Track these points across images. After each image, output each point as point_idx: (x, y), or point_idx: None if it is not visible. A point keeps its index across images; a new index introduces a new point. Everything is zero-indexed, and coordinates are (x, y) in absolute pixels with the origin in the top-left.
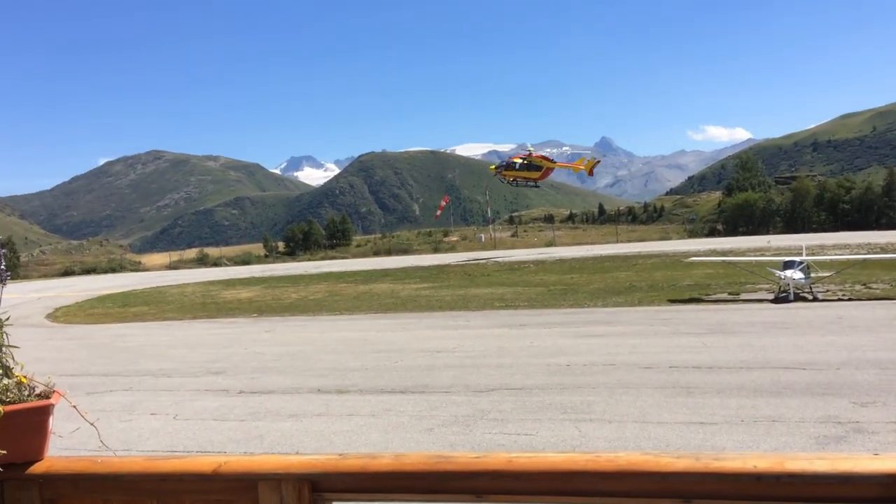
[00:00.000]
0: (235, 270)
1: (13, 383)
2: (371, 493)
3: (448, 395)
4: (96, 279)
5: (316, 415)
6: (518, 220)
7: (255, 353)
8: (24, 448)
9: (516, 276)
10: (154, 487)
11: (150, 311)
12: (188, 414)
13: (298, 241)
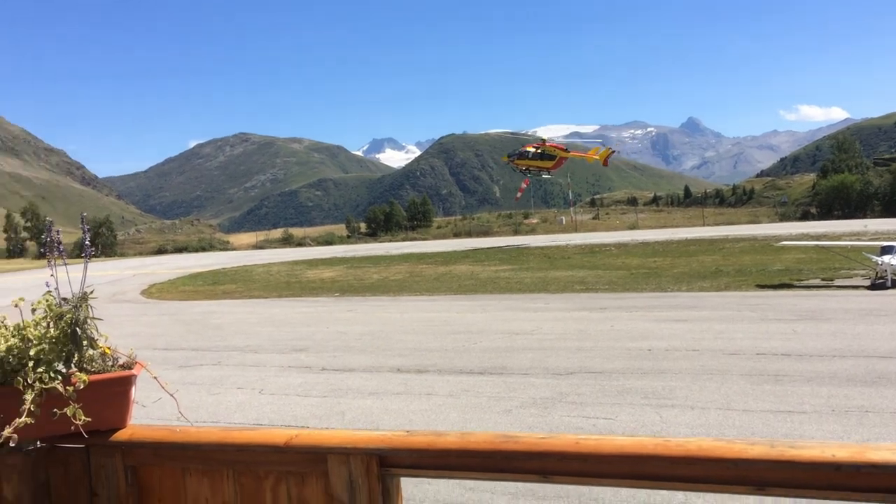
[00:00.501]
0: (319, 251)
1: (97, 354)
2: (437, 469)
3: (527, 377)
4: (187, 257)
5: (395, 393)
6: (600, 202)
7: (338, 331)
8: (108, 416)
9: (597, 259)
10: (229, 457)
11: (237, 289)
12: (273, 389)
13: (380, 222)
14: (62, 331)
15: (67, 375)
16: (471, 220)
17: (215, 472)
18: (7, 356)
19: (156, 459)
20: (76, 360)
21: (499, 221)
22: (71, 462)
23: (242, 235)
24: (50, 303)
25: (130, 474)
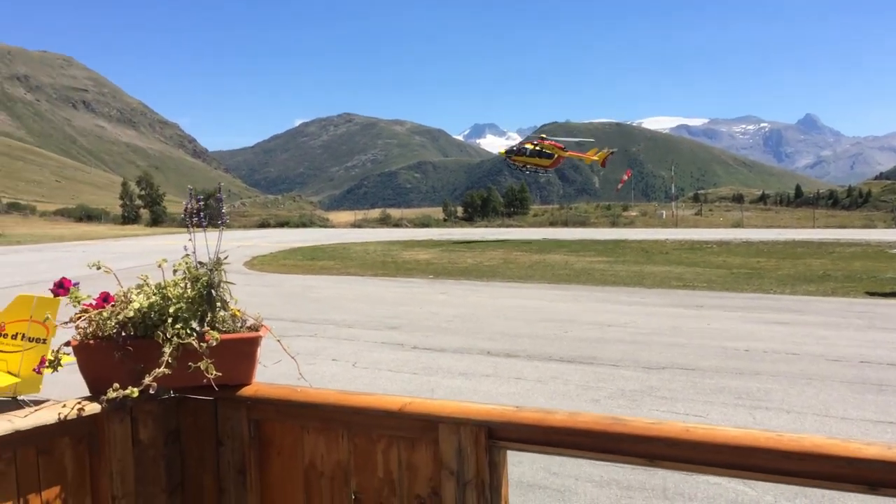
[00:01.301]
0: (415, 232)
1: (229, 315)
2: (544, 445)
3: (616, 368)
4: (288, 232)
5: (484, 375)
6: (703, 198)
7: (430, 312)
8: (236, 373)
9: (697, 256)
10: (346, 419)
11: (335, 265)
12: (366, 363)
13: (477, 207)
14: (198, 292)
15: (201, 333)
16: (568, 210)
17: (331, 431)
18: (150, 312)
19: (277, 415)
20: (209, 319)
21: (596, 212)
22: (200, 412)
23: (341, 213)
24: (189, 265)
25: (253, 427)
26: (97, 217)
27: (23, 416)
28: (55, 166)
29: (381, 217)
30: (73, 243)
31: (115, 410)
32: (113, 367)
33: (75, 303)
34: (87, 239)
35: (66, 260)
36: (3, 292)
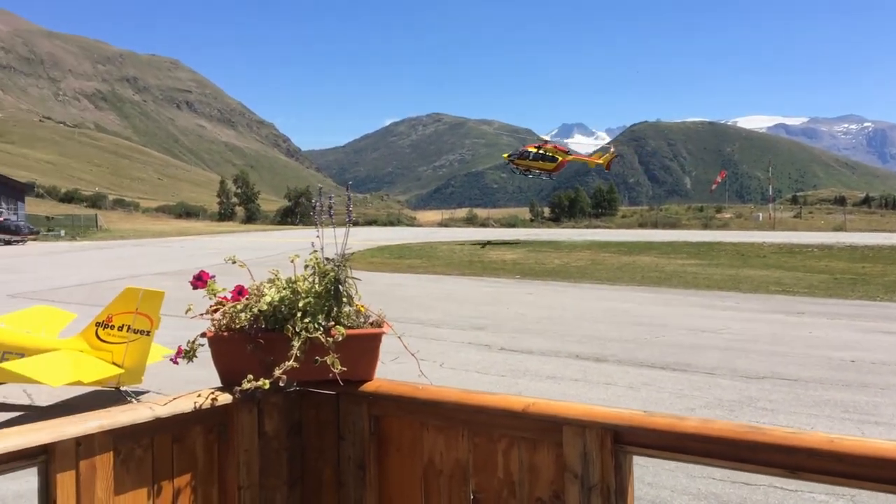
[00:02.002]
0: (501, 232)
1: (353, 311)
2: (674, 452)
3: (712, 376)
4: (376, 230)
5: (573, 379)
6: (802, 200)
7: (517, 313)
8: (359, 368)
9: (796, 261)
10: (467, 418)
11: (422, 264)
12: (453, 363)
13: (564, 207)
14: (325, 287)
15: (328, 328)
16: (658, 211)
17: (451, 429)
18: (280, 306)
19: (397, 412)
20: (335, 314)
21: (688, 214)
22: (322, 406)
23: (428, 212)
24: (317, 261)
25: (374, 423)
26: (195, 214)
27: (162, 404)
28: (158, 164)
29: (467, 216)
30: (173, 239)
31: (245, 402)
32: (244, 358)
33: (211, 295)
34: (185, 235)
35: (166, 255)
36: (108, 285)
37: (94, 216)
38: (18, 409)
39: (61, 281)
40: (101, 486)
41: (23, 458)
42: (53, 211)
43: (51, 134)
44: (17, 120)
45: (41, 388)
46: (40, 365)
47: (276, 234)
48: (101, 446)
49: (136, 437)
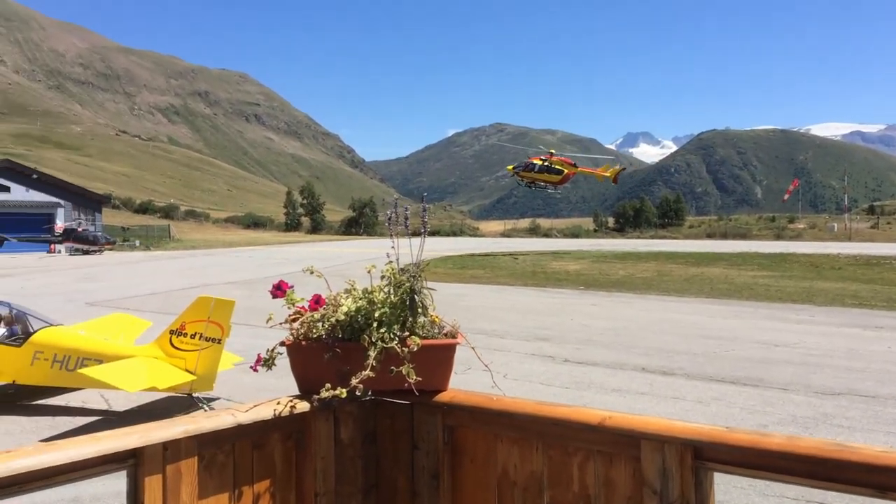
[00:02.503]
0: (564, 242)
1: (428, 321)
2: (758, 469)
3: (785, 392)
4: (439, 241)
5: (639, 393)
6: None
7: (581, 324)
8: (433, 378)
9: (874, 273)
10: (542, 430)
11: (485, 274)
12: (516, 374)
13: (629, 217)
14: (401, 297)
15: (403, 338)
16: (727, 222)
17: (525, 441)
18: (357, 316)
19: (471, 423)
20: (410, 324)
21: (758, 224)
22: (397, 416)
23: (491, 223)
24: (393, 271)
25: (448, 433)
26: (263, 224)
27: (244, 411)
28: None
29: (530, 227)
30: (242, 249)
31: (322, 410)
32: (322, 367)
33: (290, 304)
34: (253, 245)
35: (235, 264)
36: (181, 294)
37: (167, 227)
38: (97, 414)
39: (136, 290)
40: (186, 489)
41: (114, 461)
42: (129, 222)
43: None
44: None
45: (118, 393)
46: (118, 371)
47: (341, 244)
48: (186, 451)
49: (219, 442)
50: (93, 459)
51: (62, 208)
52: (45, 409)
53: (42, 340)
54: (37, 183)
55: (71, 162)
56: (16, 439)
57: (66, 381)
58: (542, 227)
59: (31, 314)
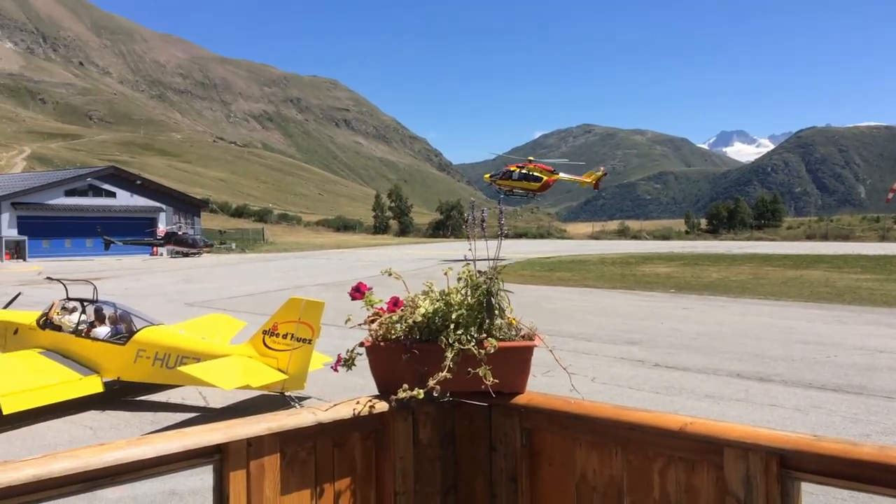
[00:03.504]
0: (654, 245)
1: (505, 323)
2: (848, 480)
3: (891, 401)
4: (526, 243)
5: (734, 399)
6: None
7: (672, 328)
8: (510, 381)
9: None
10: (621, 434)
11: (572, 276)
12: (604, 378)
13: (722, 219)
14: (478, 299)
15: (480, 340)
16: (828, 223)
17: (604, 445)
18: (434, 317)
19: (549, 426)
20: (487, 326)
21: (862, 225)
22: (475, 417)
23: (579, 225)
24: (470, 273)
25: (525, 436)
26: (352, 227)
27: (324, 410)
28: (318, 180)
29: (619, 229)
30: (332, 251)
31: (400, 410)
32: (400, 368)
33: (369, 306)
34: (343, 247)
35: (326, 267)
36: (274, 295)
37: (261, 230)
38: (194, 410)
39: (232, 291)
40: (269, 485)
41: (200, 455)
42: (225, 225)
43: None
44: (193, 141)
45: (214, 390)
46: (214, 369)
47: (428, 247)
48: (269, 448)
49: (301, 440)
50: (179, 454)
51: (164, 212)
52: (148, 404)
53: (144, 339)
54: (140, 188)
55: (172, 168)
56: (120, 433)
57: (166, 379)
58: (631, 228)
59: (134, 314)
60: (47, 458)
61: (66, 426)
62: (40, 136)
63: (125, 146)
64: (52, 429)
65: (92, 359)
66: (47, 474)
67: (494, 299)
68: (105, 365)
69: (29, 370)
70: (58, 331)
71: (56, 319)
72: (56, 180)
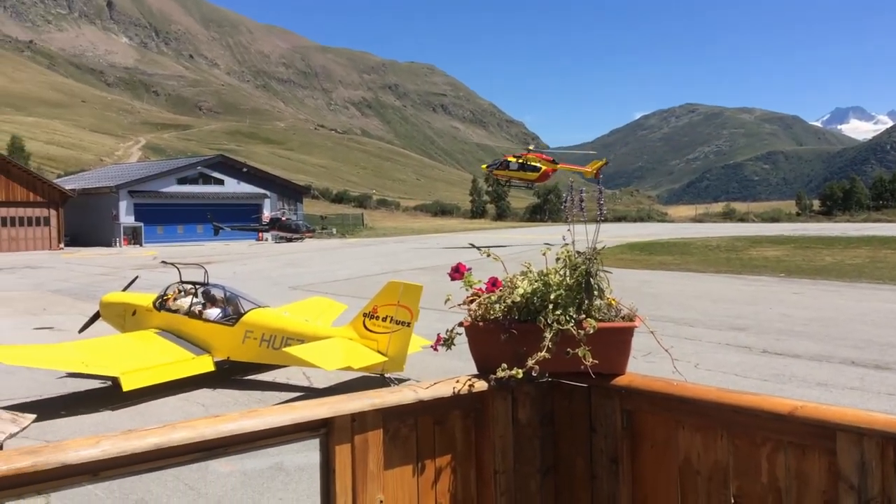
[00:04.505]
0: (762, 227)
1: (604, 304)
2: None
3: None
4: (625, 227)
5: (848, 388)
6: None
7: (781, 314)
8: (610, 362)
9: None
10: (726, 418)
11: (674, 260)
12: (709, 365)
13: (837, 200)
14: (576, 280)
15: (579, 320)
16: None
17: (709, 429)
18: (533, 298)
19: (651, 408)
20: (586, 306)
21: None
22: (574, 398)
23: (681, 207)
24: (569, 254)
25: (626, 418)
26: (450, 212)
27: (425, 388)
28: (416, 165)
29: (724, 211)
30: (430, 235)
31: (499, 389)
32: (498, 348)
33: (468, 287)
34: (441, 232)
35: (423, 251)
36: (374, 279)
37: (360, 215)
38: (299, 390)
39: (333, 275)
40: (373, 459)
41: (307, 429)
42: (326, 211)
43: (324, 140)
44: (296, 129)
45: (318, 371)
46: (317, 350)
47: (525, 230)
48: (372, 423)
49: (403, 416)
50: (288, 427)
51: (268, 199)
52: (255, 384)
53: (252, 321)
54: (246, 176)
55: (275, 155)
56: (229, 410)
57: (272, 359)
58: (737, 211)
59: (242, 296)
60: (167, 427)
61: (181, 403)
62: (154, 127)
63: (232, 135)
64: (167, 405)
65: (204, 339)
66: (167, 443)
67: (594, 280)
68: (216, 345)
69: (146, 349)
70: (172, 312)
71: (171, 302)
72: (169, 169)
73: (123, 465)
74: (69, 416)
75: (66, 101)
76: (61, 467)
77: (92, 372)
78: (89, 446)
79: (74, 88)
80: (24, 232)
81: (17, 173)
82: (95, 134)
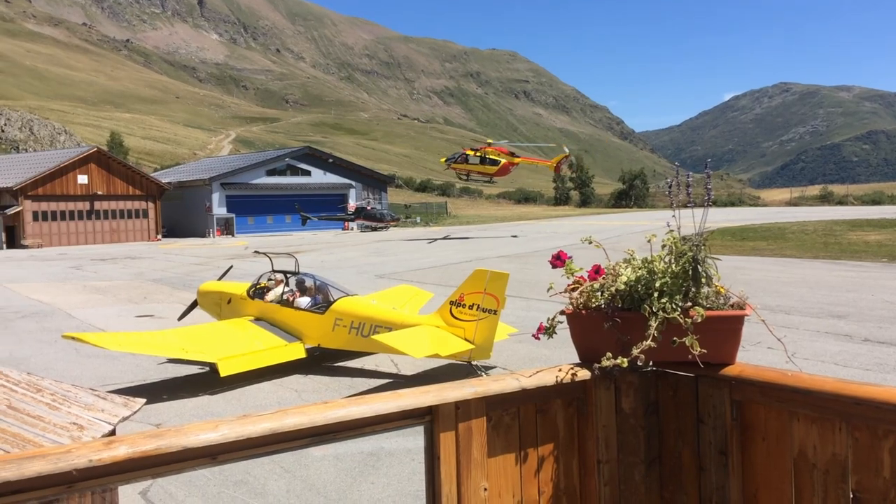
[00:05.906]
0: (863, 210)
1: (712, 292)
2: None
3: None
4: (715, 212)
5: None
6: None
7: (884, 300)
8: (719, 351)
9: None
10: (844, 409)
11: (767, 246)
12: (806, 354)
13: None
14: (682, 267)
15: (685, 308)
16: None
17: (826, 420)
18: (636, 285)
19: (762, 399)
20: (693, 294)
21: None
22: (680, 388)
23: (774, 191)
24: (674, 240)
25: (735, 409)
26: (533, 199)
27: (528, 376)
28: None
29: (821, 194)
30: (513, 223)
31: (602, 378)
32: (601, 336)
33: (569, 274)
34: (524, 219)
35: (507, 238)
36: (458, 267)
37: (444, 204)
38: (388, 377)
39: (418, 263)
40: (477, 446)
41: (412, 416)
42: (410, 200)
43: (406, 130)
44: (379, 119)
45: (405, 358)
46: (405, 338)
47: (611, 217)
48: (476, 411)
49: (505, 405)
50: (394, 414)
51: (353, 189)
52: (345, 370)
53: (341, 309)
54: (332, 166)
55: (360, 146)
56: (321, 396)
57: (360, 346)
58: (835, 194)
59: (331, 285)
60: (280, 413)
61: (274, 388)
62: (244, 121)
63: (317, 127)
64: (262, 390)
65: (295, 327)
66: (280, 428)
67: (701, 267)
68: (307, 332)
69: (242, 337)
70: (265, 300)
71: (264, 290)
72: (258, 161)
73: (240, 448)
74: (171, 399)
75: (161, 97)
76: (183, 450)
77: (191, 358)
78: (210, 430)
79: (168, 85)
80: (123, 224)
81: (116, 168)
82: (189, 128)
